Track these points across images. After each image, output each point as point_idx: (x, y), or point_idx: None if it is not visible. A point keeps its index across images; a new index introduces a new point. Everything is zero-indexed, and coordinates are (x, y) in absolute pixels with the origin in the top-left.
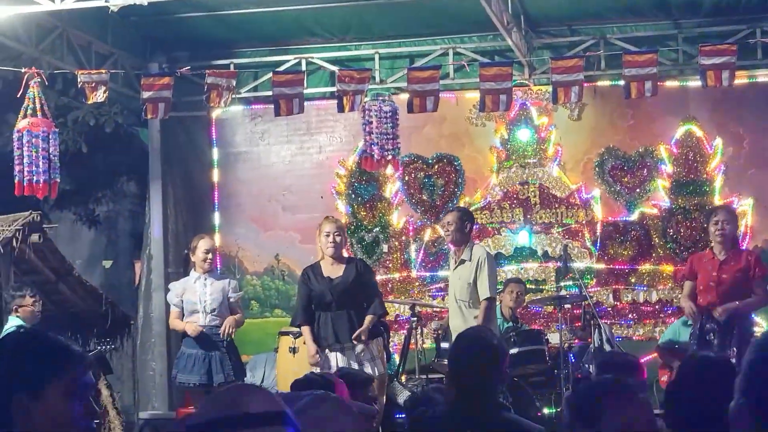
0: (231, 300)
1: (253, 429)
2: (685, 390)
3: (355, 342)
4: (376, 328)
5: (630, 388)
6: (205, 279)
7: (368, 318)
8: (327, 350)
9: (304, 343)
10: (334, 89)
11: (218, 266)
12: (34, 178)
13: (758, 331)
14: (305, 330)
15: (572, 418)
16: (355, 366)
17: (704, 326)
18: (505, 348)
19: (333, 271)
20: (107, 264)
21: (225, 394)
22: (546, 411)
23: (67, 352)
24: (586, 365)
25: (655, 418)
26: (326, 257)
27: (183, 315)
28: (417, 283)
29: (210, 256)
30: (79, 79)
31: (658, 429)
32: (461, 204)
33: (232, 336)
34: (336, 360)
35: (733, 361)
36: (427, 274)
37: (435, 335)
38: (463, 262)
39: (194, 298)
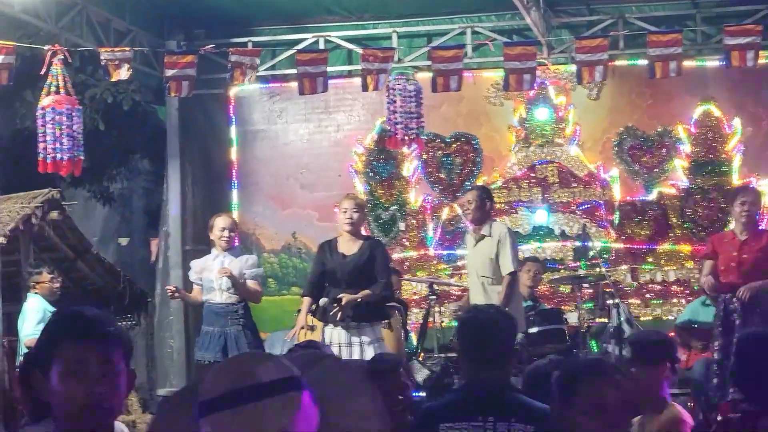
0: (246, 276)
1: (268, 398)
2: (753, 367)
3: (335, 306)
4: (383, 311)
5: (606, 368)
6: (224, 257)
7: (364, 292)
8: (329, 327)
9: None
10: (352, 68)
11: (236, 244)
12: (58, 155)
13: None
14: (305, 301)
15: (556, 395)
16: (357, 348)
17: (728, 307)
18: (517, 327)
19: (348, 248)
20: (123, 241)
21: (234, 365)
22: None
23: (71, 328)
24: (605, 345)
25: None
26: (344, 233)
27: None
28: (434, 261)
29: (226, 233)
30: (102, 57)
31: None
32: (479, 183)
33: (228, 274)
34: (339, 337)
35: None
36: (444, 252)
37: (455, 317)
38: (483, 237)
39: (211, 276)
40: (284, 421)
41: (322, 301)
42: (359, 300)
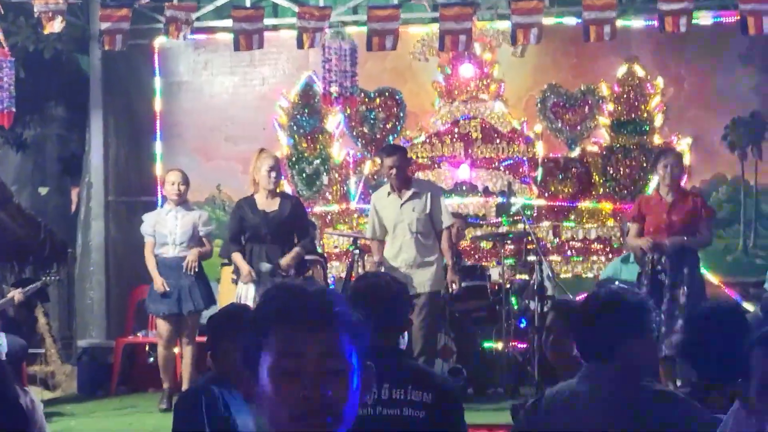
0: (201, 232)
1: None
2: (703, 340)
3: (282, 273)
4: (305, 264)
5: None
6: (177, 211)
7: (295, 249)
8: (247, 284)
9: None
10: (278, 21)
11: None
12: None
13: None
14: (236, 255)
15: None
16: None
17: (655, 266)
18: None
19: (268, 204)
20: (43, 191)
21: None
22: (487, 346)
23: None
24: (526, 301)
25: None
26: (261, 191)
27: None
28: (356, 215)
29: (176, 188)
30: (35, 9)
31: None
32: (402, 137)
33: (195, 269)
34: (253, 294)
35: (683, 300)
36: (366, 206)
37: (376, 270)
38: (414, 195)
39: (164, 230)
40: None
41: (264, 267)
42: (295, 259)
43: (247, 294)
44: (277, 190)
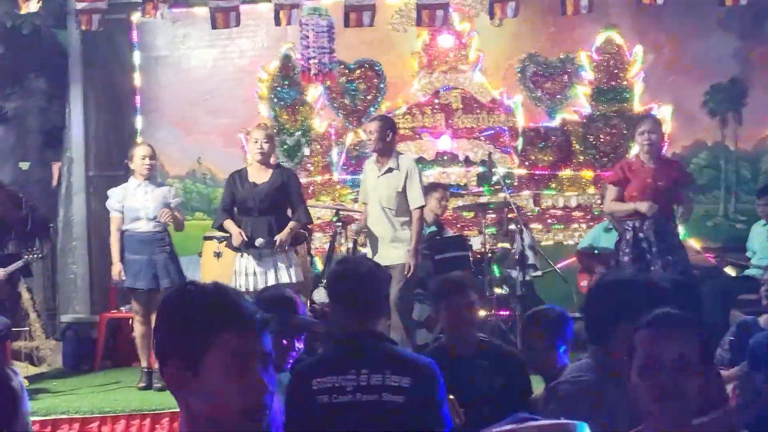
0: (171, 205)
1: None
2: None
3: (277, 249)
4: (298, 235)
5: None
6: (146, 186)
7: (291, 224)
8: (243, 255)
9: (224, 243)
10: None
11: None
12: None
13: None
14: (227, 221)
15: None
16: (272, 272)
17: (637, 234)
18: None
19: (259, 177)
20: (24, 166)
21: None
22: None
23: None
24: (508, 270)
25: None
26: (254, 163)
27: (123, 221)
28: (338, 186)
29: (147, 161)
30: None
31: None
32: (383, 109)
33: (168, 222)
34: (253, 266)
35: (661, 270)
36: (348, 177)
37: (354, 239)
38: (390, 170)
39: (136, 205)
40: None
41: (258, 242)
42: (290, 235)
43: (246, 267)
44: (272, 162)
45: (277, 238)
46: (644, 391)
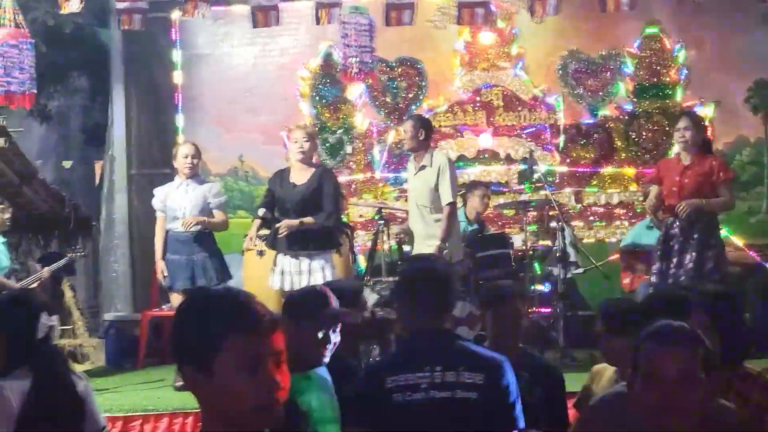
0: (211, 204)
1: None
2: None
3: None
4: (332, 238)
5: None
6: (188, 185)
7: (308, 218)
8: (280, 255)
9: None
10: None
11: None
12: (11, 88)
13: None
14: (254, 221)
15: None
16: (306, 275)
17: (669, 231)
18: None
19: (299, 177)
20: (67, 164)
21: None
22: None
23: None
24: (549, 268)
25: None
26: (295, 163)
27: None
28: (380, 184)
29: (189, 160)
30: None
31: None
32: (424, 106)
33: (193, 230)
34: (290, 266)
35: (690, 266)
36: (390, 175)
37: (398, 239)
38: (423, 167)
39: (175, 205)
40: None
41: (261, 211)
42: (299, 226)
43: (283, 266)
44: (314, 162)
45: (281, 223)
46: (647, 402)
